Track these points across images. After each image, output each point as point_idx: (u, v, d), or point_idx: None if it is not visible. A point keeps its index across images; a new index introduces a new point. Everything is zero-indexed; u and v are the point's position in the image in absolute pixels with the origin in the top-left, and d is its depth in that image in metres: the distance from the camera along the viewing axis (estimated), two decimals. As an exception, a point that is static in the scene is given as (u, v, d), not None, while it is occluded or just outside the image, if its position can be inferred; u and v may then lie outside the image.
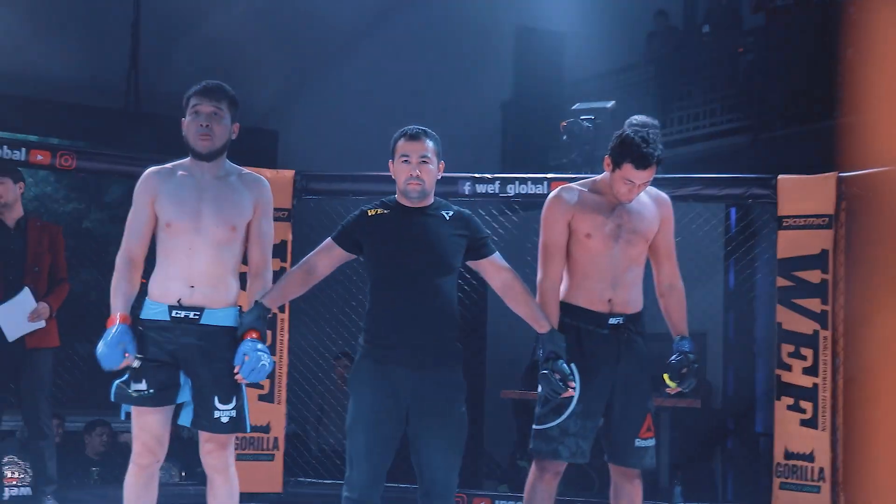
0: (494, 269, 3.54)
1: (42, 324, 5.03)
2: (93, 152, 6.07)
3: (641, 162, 3.56)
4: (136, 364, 3.33)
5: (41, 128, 8.96)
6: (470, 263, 3.56)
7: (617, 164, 3.61)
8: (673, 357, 3.69)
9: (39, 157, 5.47)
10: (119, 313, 3.35)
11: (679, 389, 3.68)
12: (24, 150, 5.46)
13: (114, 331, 3.32)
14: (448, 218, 3.50)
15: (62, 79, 8.90)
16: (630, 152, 3.57)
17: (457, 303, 3.53)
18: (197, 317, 3.40)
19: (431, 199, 3.53)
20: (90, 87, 9.10)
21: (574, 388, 3.52)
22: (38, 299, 5.04)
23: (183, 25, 9.06)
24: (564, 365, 3.50)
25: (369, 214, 3.51)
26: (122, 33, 9.31)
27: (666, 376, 3.68)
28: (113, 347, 3.29)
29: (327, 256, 3.53)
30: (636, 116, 5.97)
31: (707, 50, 9.90)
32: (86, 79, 9.02)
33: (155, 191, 3.48)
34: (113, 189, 11.90)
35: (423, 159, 3.47)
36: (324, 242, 3.56)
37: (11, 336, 4.98)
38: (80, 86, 9.05)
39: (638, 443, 3.67)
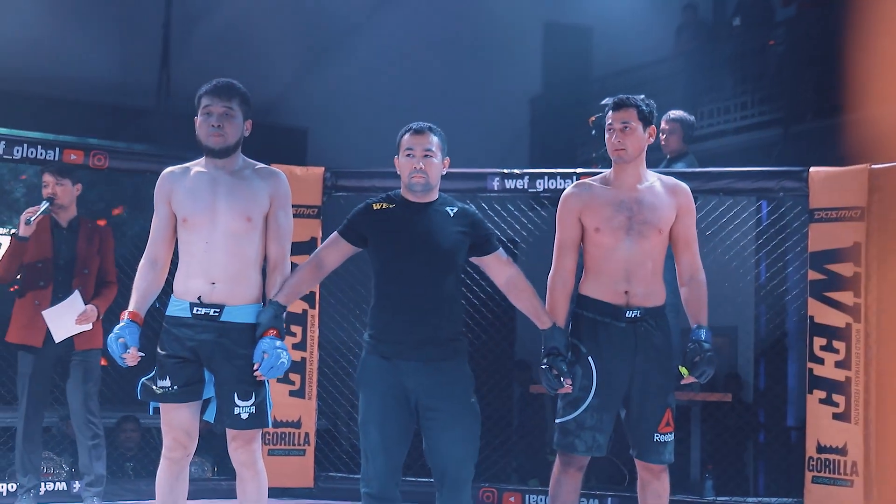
0: (498, 266, 3.56)
1: (89, 326, 5.06)
2: (125, 151, 6.15)
3: (616, 104, 3.69)
4: (133, 361, 3.43)
5: (74, 128, 9.06)
6: (473, 260, 3.57)
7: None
8: (687, 346, 3.66)
9: (73, 157, 5.54)
10: (129, 310, 3.48)
11: (692, 380, 3.64)
12: (57, 149, 5.54)
13: (119, 325, 3.45)
14: (452, 214, 3.50)
15: (94, 79, 9.00)
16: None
17: (460, 298, 3.55)
18: (217, 314, 3.44)
19: (436, 195, 3.54)
20: (122, 86, 9.19)
21: (571, 385, 3.55)
22: (85, 301, 5.07)
23: (213, 24, 9.12)
24: (562, 362, 3.52)
25: (374, 208, 3.52)
26: (154, 33, 9.40)
27: (683, 368, 3.64)
28: (113, 340, 3.44)
29: (335, 250, 3.56)
30: (672, 111, 5.94)
31: (737, 43, 9.83)
32: (117, 79, 9.12)
33: (170, 189, 3.53)
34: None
35: (427, 153, 3.48)
36: (331, 236, 3.59)
37: (59, 337, 5.03)
38: (112, 85, 9.14)
39: (657, 437, 3.64)
